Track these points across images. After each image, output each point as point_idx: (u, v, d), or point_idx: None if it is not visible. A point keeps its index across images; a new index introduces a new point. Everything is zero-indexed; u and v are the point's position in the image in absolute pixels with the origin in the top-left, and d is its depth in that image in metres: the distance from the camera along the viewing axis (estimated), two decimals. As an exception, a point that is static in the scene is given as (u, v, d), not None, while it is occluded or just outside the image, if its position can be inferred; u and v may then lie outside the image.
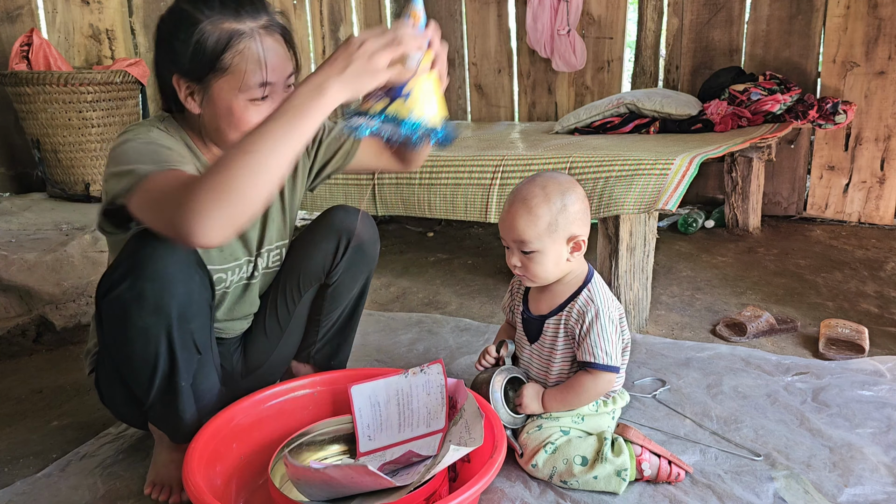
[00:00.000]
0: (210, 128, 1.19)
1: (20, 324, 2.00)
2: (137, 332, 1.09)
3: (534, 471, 1.26)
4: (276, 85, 1.15)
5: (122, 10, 2.75)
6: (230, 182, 0.90)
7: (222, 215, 0.91)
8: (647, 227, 1.99)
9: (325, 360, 1.56)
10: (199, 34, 1.10)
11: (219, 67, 1.11)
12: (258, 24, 1.13)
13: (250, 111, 1.14)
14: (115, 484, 1.31)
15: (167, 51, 1.15)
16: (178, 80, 1.14)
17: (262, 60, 1.12)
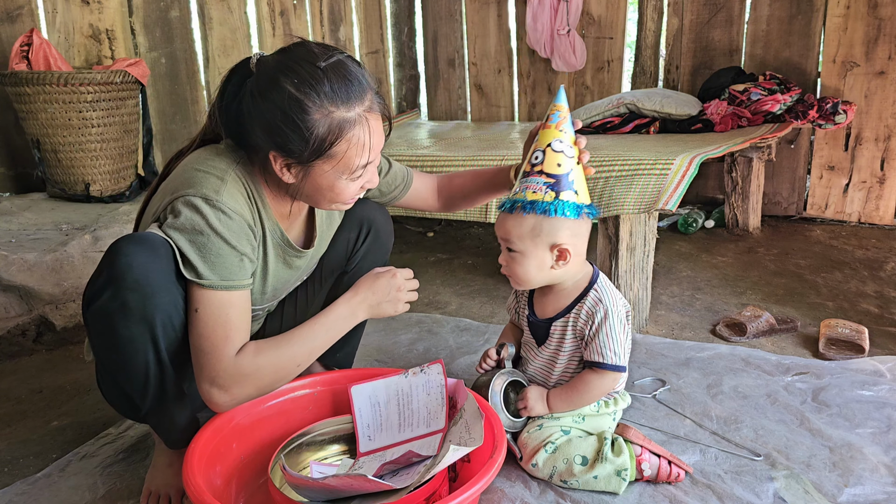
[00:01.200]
0: (302, 194, 1.21)
1: (20, 324, 2.00)
2: (124, 341, 1.09)
3: (534, 470, 1.26)
4: (374, 162, 1.20)
5: (122, 10, 2.75)
6: (263, 387, 1.18)
7: (242, 400, 1.18)
8: (647, 227, 1.99)
9: (331, 354, 1.51)
10: (309, 123, 1.09)
11: (326, 154, 1.12)
12: (364, 107, 1.13)
13: (351, 186, 1.19)
14: (115, 484, 1.31)
15: (268, 130, 1.11)
16: (275, 155, 1.13)
17: (368, 146, 1.15)
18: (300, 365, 1.20)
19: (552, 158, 1.25)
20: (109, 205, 2.43)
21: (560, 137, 1.26)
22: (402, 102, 4.19)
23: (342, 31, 3.76)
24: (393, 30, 4.10)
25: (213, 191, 1.12)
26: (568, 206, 1.23)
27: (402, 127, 3.61)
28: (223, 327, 1.12)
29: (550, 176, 1.24)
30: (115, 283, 1.06)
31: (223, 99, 1.20)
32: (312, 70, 1.09)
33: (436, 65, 4.16)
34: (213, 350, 1.11)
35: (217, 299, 1.12)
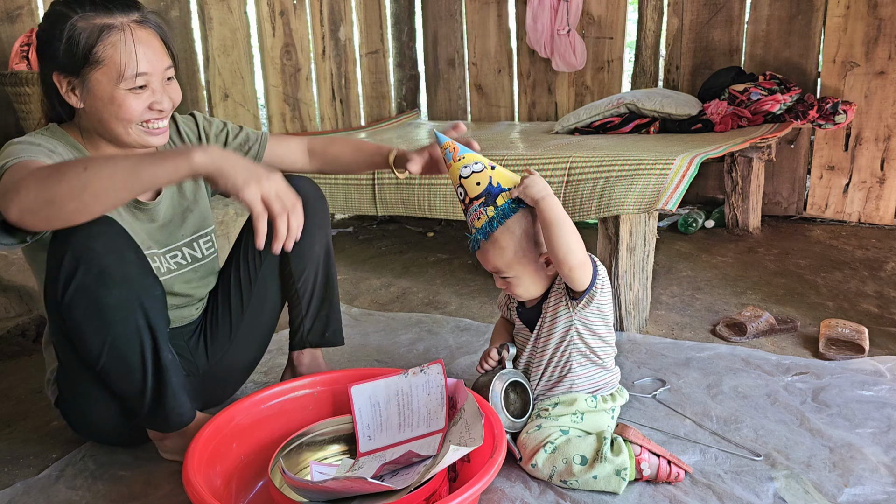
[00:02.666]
0: (94, 120, 1.23)
1: (20, 324, 2.00)
2: (113, 310, 1.12)
3: (533, 470, 1.26)
4: (153, 75, 1.21)
5: (122, 10, 2.75)
6: (56, 182, 0.98)
7: (37, 202, 0.98)
8: (647, 227, 1.99)
9: (319, 336, 1.57)
10: (71, 30, 1.16)
11: (93, 60, 1.17)
12: (129, 18, 1.20)
13: (131, 99, 1.20)
14: (115, 484, 1.31)
15: (45, 51, 1.20)
16: (58, 77, 1.20)
17: (134, 52, 1.18)
18: (86, 170, 0.98)
19: (470, 184, 1.29)
20: (109, 205, 2.43)
21: (463, 164, 1.30)
22: (402, 102, 4.19)
23: (342, 31, 3.76)
24: (393, 30, 4.10)
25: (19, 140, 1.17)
26: (511, 204, 1.27)
27: (402, 127, 3.61)
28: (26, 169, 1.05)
29: (478, 197, 1.29)
30: (85, 258, 1.09)
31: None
32: None
33: (436, 65, 4.16)
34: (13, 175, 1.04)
35: (17, 166, 1.06)
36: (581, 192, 1.97)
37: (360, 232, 3.44)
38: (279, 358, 1.87)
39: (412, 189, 2.25)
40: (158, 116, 1.24)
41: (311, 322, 1.56)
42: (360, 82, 3.94)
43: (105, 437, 1.38)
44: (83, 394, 1.28)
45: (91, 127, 1.25)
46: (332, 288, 1.57)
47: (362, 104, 3.99)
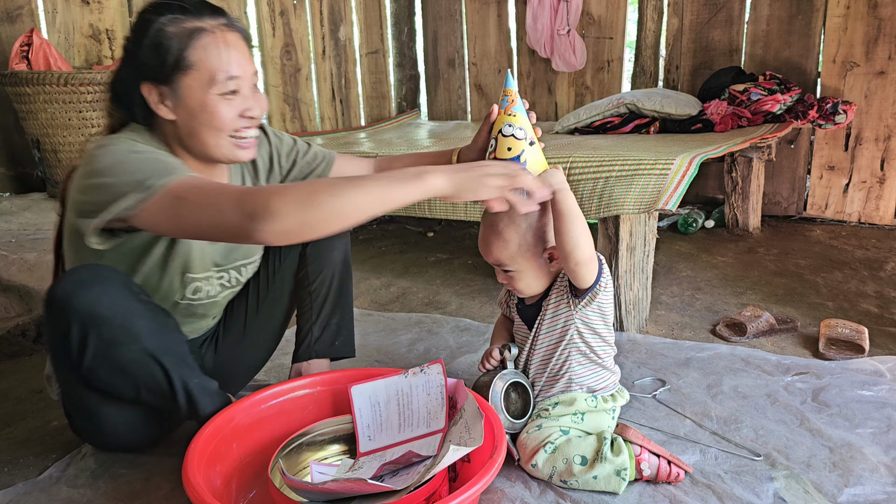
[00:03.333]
0: (185, 132, 1.19)
1: (20, 324, 2.00)
2: (136, 364, 1.17)
3: (533, 470, 1.26)
4: (244, 80, 1.18)
5: (122, 10, 2.75)
6: (313, 207, 0.99)
7: (295, 225, 1.00)
8: (647, 227, 1.99)
9: (328, 345, 1.53)
10: (160, 36, 1.14)
11: (184, 65, 1.14)
12: (218, 22, 1.18)
13: (223, 106, 1.17)
14: (116, 483, 1.31)
15: (133, 61, 1.17)
16: (147, 88, 1.16)
17: (226, 54, 1.16)
18: (336, 195, 1.01)
19: (503, 144, 1.25)
20: (109, 205, 2.43)
21: (509, 122, 1.25)
22: (402, 102, 4.19)
23: (342, 31, 3.76)
24: (393, 30, 4.10)
25: (119, 144, 1.15)
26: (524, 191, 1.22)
27: (402, 127, 3.61)
28: (212, 185, 1.07)
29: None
30: (93, 326, 1.11)
31: (113, 83, 1.24)
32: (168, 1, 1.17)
33: (436, 65, 4.16)
34: (220, 191, 1.04)
35: (192, 178, 1.08)
36: (581, 192, 1.97)
37: (360, 232, 3.44)
38: (280, 358, 1.87)
39: (412, 189, 2.24)
40: (249, 124, 1.22)
41: (320, 329, 1.52)
42: (360, 82, 3.94)
43: (111, 445, 1.37)
44: (92, 414, 1.28)
45: (179, 140, 1.22)
46: (346, 296, 1.55)
47: (362, 104, 3.99)
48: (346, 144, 2.79)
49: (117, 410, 1.27)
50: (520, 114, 1.26)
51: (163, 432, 1.40)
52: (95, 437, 1.35)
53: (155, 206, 1.04)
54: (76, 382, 1.22)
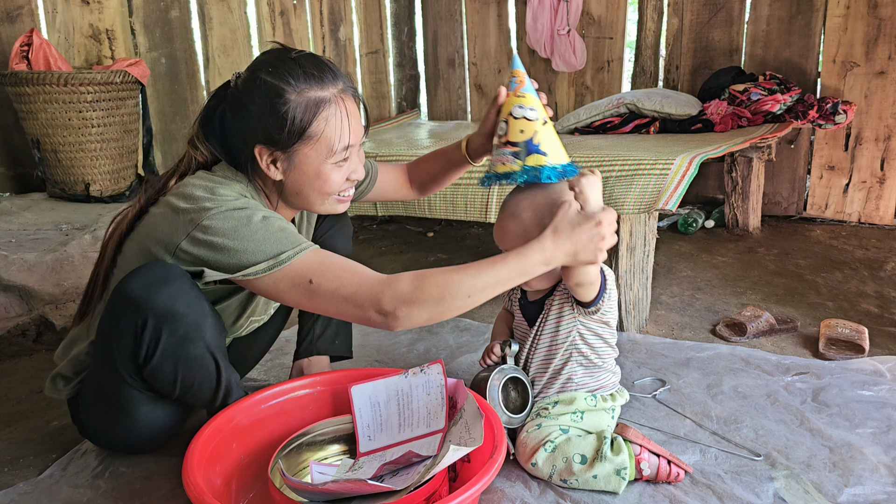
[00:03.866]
0: (291, 191, 1.24)
1: (20, 324, 2.00)
2: (197, 361, 1.19)
3: (533, 469, 1.26)
4: (355, 146, 1.23)
5: (122, 10, 2.75)
6: (444, 311, 1.10)
7: (423, 321, 1.10)
8: (647, 227, 1.99)
9: (329, 343, 1.58)
10: (285, 105, 1.15)
11: (306, 136, 1.17)
12: (338, 88, 1.20)
13: (335, 173, 1.22)
14: (117, 481, 1.31)
15: (248, 121, 1.18)
16: (260, 150, 1.18)
17: (346, 125, 1.19)
18: (470, 296, 1.09)
19: (514, 126, 1.22)
20: (109, 205, 2.43)
21: (520, 103, 1.23)
22: (402, 102, 4.19)
23: (342, 31, 3.76)
24: (393, 30, 4.10)
25: (234, 200, 1.17)
26: (540, 171, 1.20)
27: (402, 127, 3.61)
28: (343, 269, 1.12)
29: (515, 144, 1.22)
30: (168, 322, 1.13)
31: (208, 120, 1.24)
32: (285, 59, 1.18)
33: (436, 65, 4.16)
34: (355, 287, 1.10)
35: (317, 255, 1.13)
36: (581, 192, 1.97)
37: (360, 232, 3.44)
38: (280, 358, 1.87)
39: (412, 189, 2.24)
40: (352, 185, 1.28)
41: (322, 327, 1.56)
42: (360, 82, 3.94)
43: (134, 446, 1.37)
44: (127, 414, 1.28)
45: (279, 192, 1.26)
46: None
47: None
48: (346, 144, 2.78)
49: (153, 409, 1.27)
50: (529, 94, 1.24)
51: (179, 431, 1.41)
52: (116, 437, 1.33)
53: (282, 279, 1.11)
54: (122, 381, 1.21)
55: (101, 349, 1.22)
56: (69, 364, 1.31)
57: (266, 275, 1.11)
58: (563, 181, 1.23)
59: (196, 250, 1.13)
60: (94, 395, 1.28)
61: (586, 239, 1.12)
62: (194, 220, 1.13)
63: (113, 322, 1.17)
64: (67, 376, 1.32)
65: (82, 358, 1.30)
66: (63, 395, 1.33)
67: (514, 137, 1.22)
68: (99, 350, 1.23)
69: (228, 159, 1.25)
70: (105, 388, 1.25)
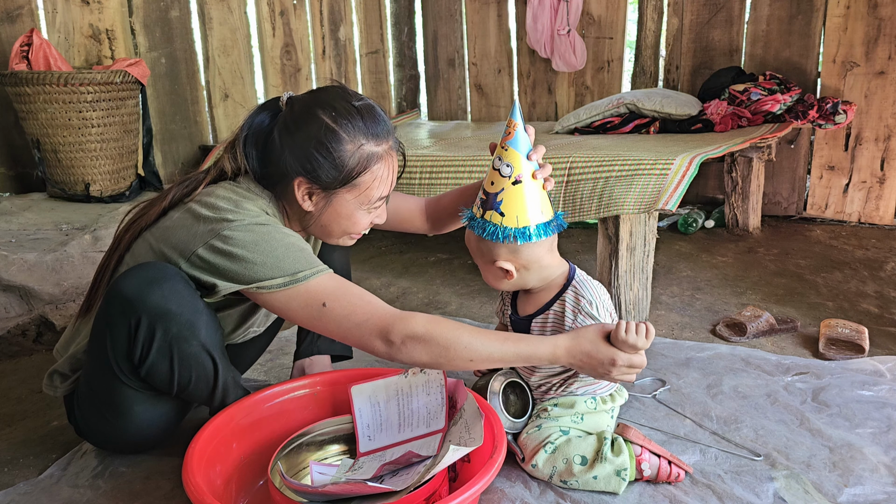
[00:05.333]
0: (317, 224, 1.27)
1: (20, 324, 2.00)
2: (193, 358, 1.19)
3: (534, 471, 1.26)
4: (388, 196, 1.30)
5: (122, 10, 2.75)
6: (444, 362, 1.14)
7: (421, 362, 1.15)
8: (647, 227, 1.99)
9: (330, 342, 1.60)
10: (342, 152, 1.20)
11: (351, 184, 1.23)
12: (388, 145, 1.26)
13: (365, 218, 1.28)
14: (117, 482, 1.31)
15: (297, 151, 1.21)
16: (300, 182, 1.22)
17: (389, 180, 1.27)
18: (472, 360, 1.14)
19: (490, 176, 1.25)
20: (109, 205, 2.43)
21: (501, 155, 1.23)
22: (402, 102, 4.20)
23: (342, 31, 3.77)
24: (393, 30, 4.10)
25: (257, 216, 1.19)
26: (489, 228, 1.23)
27: (402, 127, 3.61)
28: (358, 297, 1.16)
29: (485, 193, 1.26)
30: (161, 321, 1.14)
31: (250, 132, 1.26)
32: (348, 106, 1.22)
33: (436, 65, 4.16)
34: (367, 316, 1.14)
35: (332, 280, 1.17)
36: (581, 192, 1.97)
37: (360, 232, 3.44)
38: (280, 358, 1.87)
39: (412, 189, 2.25)
40: (369, 227, 1.33)
41: None
42: (360, 82, 3.94)
43: (130, 445, 1.37)
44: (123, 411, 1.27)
45: (300, 219, 1.29)
46: None
47: (362, 104, 3.99)
48: (346, 144, 2.79)
49: (151, 407, 1.27)
50: (512, 148, 1.23)
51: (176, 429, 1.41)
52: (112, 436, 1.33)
53: (294, 298, 1.14)
54: (116, 379, 1.21)
55: (95, 348, 1.22)
56: (67, 361, 1.31)
57: (280, 291, 1.14)
58: None
59: (213, 258, 1.15)
60: (89, 393, 1.28)
61: (596, 364, 1.18)
62: (215, 230, 1.15)
63: (107, 321, 1.18)
64: (64, 373, 1.32)
65: (80, 356, 1.30)
66: (59, 392, 1.32)
67: (486, 186, 1.26)
68: (94, 349, 1.23)
69: (260, 175, 1.26)
70: (100, 386, 1.25)
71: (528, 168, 1.23)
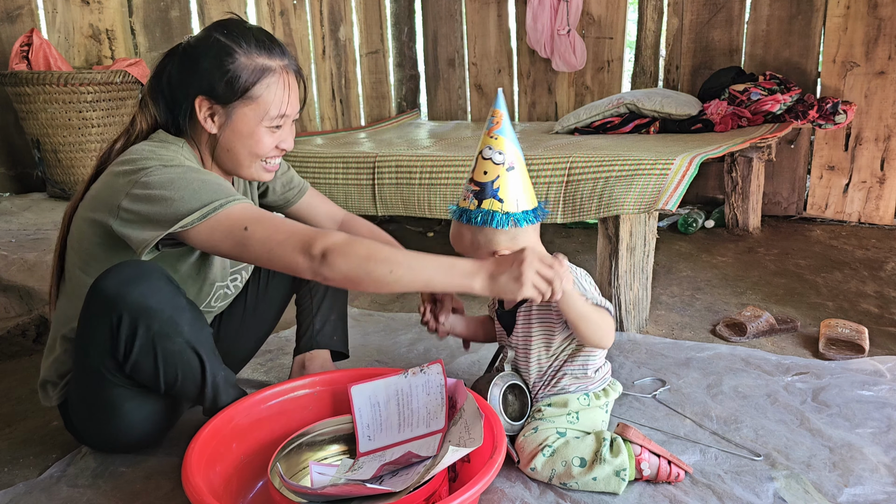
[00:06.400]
0: (224, 148, 1.29)
1: (20, 324, 2.00)
2: (177, 355, 1.20)
3: (533, 474, 1.26)
4: (289, 118, 1.31)
5: (122, 10, 2.75)
6: (367, 272, 1.12)
7: (345, 274, 1.12)
8: (647, 227, 1.99)
9: (329, 338, 1.61)
10: (234, 63, 1.22)
11: (247, 97, 1.24)
12: (283, 63, 1.28)
13: (267, 136, 1.29)
14: (117, 482, 1.31)
15: (195, 73, 1.23)
16: (201, 101, 1.24)
17: (286, 96, 1.27)
18: (392, 270, 1.12)
19: (480, 166, 1.26)
20: (109, 205, 2.43)
21: (490, 144, 1.25)
22: (402, 102, 4.19)
23: (342, 31, 3.76)
24: (393, 30, 4.10)
25: (170, 160, 1.21)
26: (490, 216, 1.24)
27: (402, 127, 3.61)
28: (279, 220, 1.17)
29: (477, 184, 1.26)
30: (143, 318, 1.15)
31: (157, 77, 1.28)
32: (241, 26, 1.26)
33: (436, 65, 4.16)
34: (288, 234, 1.14)
35: (252, 208, 1.18)
36: (581, 192, 1.97)
37: (360, 232, 3.44)
38: (280, 358, 1.87)
39: (412, 189, 2.25)
40: (279, 154, 1.34)
41: (321, 322, 1.59)
42: (360, 82, 3.94)
43: (123, 444, 1.37)
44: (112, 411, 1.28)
45: (212, 151, 1.30)
46: (341, 294, 1.63)
47: (362, 104, 3.99)
48: (346, 144, 2.79)
49: (140, 405, 1.28)
50: (502, 137, 1.25)
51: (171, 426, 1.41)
52: (107, 437, 1.33)
53: (216, 227, 1.14)
54: (103, 378, 1.22)
55: (80, 350, 1.23)
56: (52, 368, 1.32)
57: (203, 222, 1.14)
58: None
59: (136, 206, 1.15)
60: (80, 397, 1.28)
61: (506, 265, 1.15)
62: (133, 179, 1.17)
63: (89, 322, 1.18)
64: (53, 381, 1.33)
65: (62, 359, 1.30)
66: (54, 401, 1.33)
67: (478, 177, 1.26)
68: (78, 351, 1.23)
69: (170, 118, 1.28)
70: (89, 388, 1.25)
71: (518, 154, 1.27)
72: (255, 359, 1.83)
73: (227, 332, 1.54)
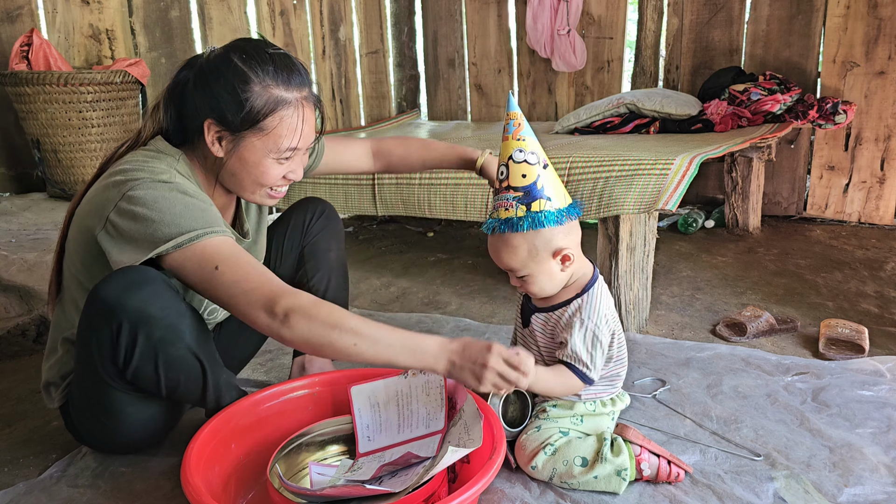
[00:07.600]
0: (228, 171, 1.26)
1: (20, 324, 2.00)
2: (180, 361, 1.18)
3: (533, 472, 1.26)
4: (300, 150, 1.27)
5: (122, 10, 2.75)
6: (330, 340, 1.09)
7: (306, 339, 1.09)
8: (647, 227, 1.99)
9: None
10: (248, 93, 1.18)
11: (258, 127, 1.21)
12: (301, 94, 1.24)
13: (274, 167, 1.25)
14: (117, 482, 1.31)
15: (209, 96, 1.20)
16: (210, 124, 1.21)
17: (299, 130, 1.23)
18: (356, 343, 1.09)
19: (516, 170, 1.23)
20: (109, 205, 2.43)
21: (520, 147, 1.23)
22: (402, 102, 4.19)
23: (342, 31, 3.76)
24: (393, 30, 4.10)
25: (162, 173, 1.19)
26: (544, 216, 1.21)
27: (402, 127, 3.61)
28: (252, 265, 1.14)
29: (517, 189, 1.22)
30: (143, 326, 1.13)
31: (174, 87, 1.26)
32: (260, 52, 1.21)
33: (436, 65, 4.16)
34: (256, 284, 1.11)
35: (229, 245, 1.14)
36: (581, 192, 1.97)
37: (360, 232, 3.44)
38: (280, 358, 1.87)
39: (412, 189, 2.25)
40: (286, 184, 1.30)
41: None
42: (360, 82, 3.94)
43: (125, 445, 1.37)
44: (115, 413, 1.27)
45: (215, 171, 1.27)
46: (344, 293, 1.63)
47: (362, 104, 3.99)
48: (346, 144, 2.79)
49: (142, 408, 1.27)
50: (529, 137, 1.24)
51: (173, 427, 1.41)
52: (108, 438, 1.33)
53: (189, 258, 1.11)
54: (104, 383, 1.21)
55: (81, 355, 1.22)
56: (54, 369, 1.32)
57: (177, 251, 1.11)
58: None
59: (121, 221, 1.13)
60: (81, 400, 1.28)
61: (473, 355, 1.14)
62: (122, 191, 1.15)
63: (90, 327, 1.17)
64: (56, 382, 1.32)
65: (65, 360, 1.30)
66: (56, 402, 1.33)
67: (517, 182, 1.23)
68: (80, 356, 1.23)
69: (177, 129, 1.26)
70: (91, 391, 1.25)
71: (543, 151, 1.26)
72: (255, 359, 1.83)
73: (226, 333, 1.54)
